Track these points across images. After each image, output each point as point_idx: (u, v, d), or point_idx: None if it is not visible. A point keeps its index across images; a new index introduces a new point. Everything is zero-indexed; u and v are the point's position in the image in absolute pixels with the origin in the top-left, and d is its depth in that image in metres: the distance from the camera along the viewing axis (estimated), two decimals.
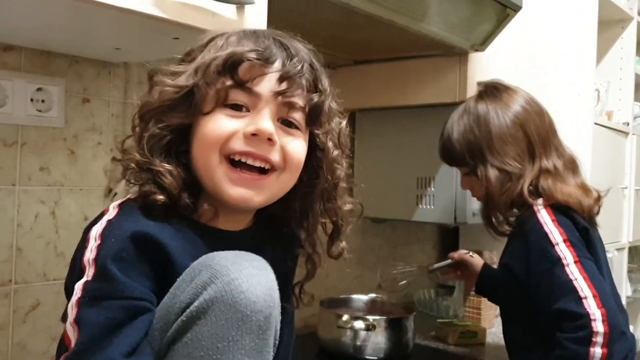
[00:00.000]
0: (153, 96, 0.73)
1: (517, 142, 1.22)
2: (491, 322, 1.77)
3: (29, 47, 1.09)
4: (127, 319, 0.64)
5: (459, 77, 1.50)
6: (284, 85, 0.73)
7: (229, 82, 0.72)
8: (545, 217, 1.15)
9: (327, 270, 1.80)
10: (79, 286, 0.65)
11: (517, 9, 1.38)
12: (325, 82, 0.79)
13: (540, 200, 1.18)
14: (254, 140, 0.72)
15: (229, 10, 0.89)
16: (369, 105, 1.68)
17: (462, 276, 1.48)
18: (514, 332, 1.27)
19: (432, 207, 1.57)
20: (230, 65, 0.71)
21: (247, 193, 0.73)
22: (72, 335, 0.63)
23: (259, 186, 0.74)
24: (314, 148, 0.80)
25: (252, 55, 0.71)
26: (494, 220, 1.23)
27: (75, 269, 0.68)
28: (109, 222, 0.68)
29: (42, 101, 1.11)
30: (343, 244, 0.87)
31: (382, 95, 1.63)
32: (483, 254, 1.83)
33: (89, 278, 0.65)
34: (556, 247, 1.11)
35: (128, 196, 0.73)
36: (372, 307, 1.57)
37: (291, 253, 0.88)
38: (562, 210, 1.16)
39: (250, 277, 0.63)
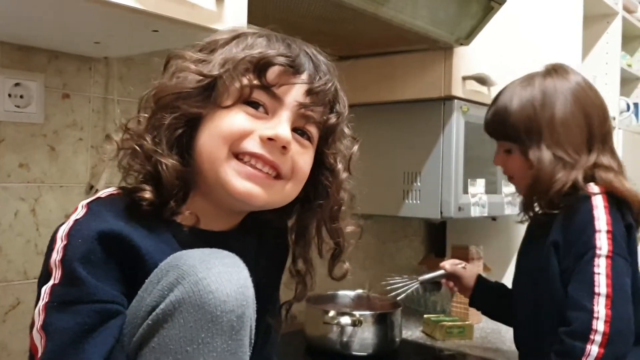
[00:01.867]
0: (172, 80, 0.71)
1: (578, 132, 1.16)
2: (479, 318, 1.77)
3: (7, 41, 1.07)
4: (99, 324, 0.61)
5: (444, 71, 1.49)
6: (309, 99, 0.73)
7: (255, 82, 0.71)
8: (598, 202, 1.10)
9: (315, 266, 1.80)
10: (46, 290, 0.62)
11: (501, 2, 1.38)
12: (343, 105, 0.80)
13: (596, 187, 1.13)
14: (268, 145, 0.71)
15: (209, 2, 0.88)
16: (354, 101, 1.63)
17: (454, 288, 1.44)
18: (546, 327, 1.16)
19: (419, 202, 1.57)
20: (262, 66, 0.71)
21: (255, 189, 0.71)
22: (40, 343, 0.61)
23: (267, 185, 0.72)
24: (322, 167, 0.80)
25: (284, 60, 0.71)
26: (535, 204, 1.17)
27: (43, 272, 0.66)
28: (76, 221, 0.66)
29: (21, 97, 1.09)
30: (347, 265, 0.87)
31: (368, 90, 1.62)
32: (469, 249, 1.84)
33: (56, 281, 0.63)
34: (596, 235, 1.07)
35: (98, 195, 0.71)
36: (359, 303, 1.57)
37: (279, 266, 0.87)
38: (616, 201, 1.12)
39: (219, 275, 0.60)
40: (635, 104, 2.72)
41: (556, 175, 1.13)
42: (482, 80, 1.54)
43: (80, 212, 0.67)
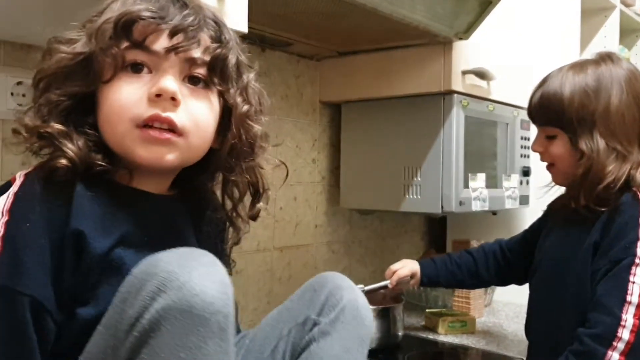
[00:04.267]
0: (48, 63, 0.71)
1: (632, 123, 1.12)
2: (480, 312, 1.78)
3: (9, 40, 1.07)
4: (27, 321, 0.62)
5: (443, 66, 1.50)
6: (176, 40, 0.70)
7: (124, 44, 0.69)
8: None
9: (316, 262, 1.81)
10: None
11: None
12: (228, 34, 0.76)
13: None
14: (158, 102, 0.70)
15: None
16: (354, 97, 1.68)
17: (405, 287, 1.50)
18: (564, 322, 1.14)
19: (419, 197, 1.57)
20: (123, 25, 0.69)
21: (159, 150, 0.71)
22: None
23: (169, 143, 0.71)
24: (226, 108, 0.78)
25: (146, 13, 0.69)
26: (583, 195, 1.11)
27: None
28: (16, 195, 0.65)
29: (23, 95, 1.09)
30: (260, 204, 0.85)
31: (367, 86, 1.63)
32: (470, 244, 1.84)
33: None
34: (639, 243, 1.03)
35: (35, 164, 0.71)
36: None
37: (216, 221, 0.86)
38: None
39: (201, 277, 0.59)
40: None
41: (609, 166, 1.08)
42: (481, 74, 1.54)
43: (17, 183, 0.67)
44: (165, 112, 0.70)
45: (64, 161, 0.67)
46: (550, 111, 1.18)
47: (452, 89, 1.49)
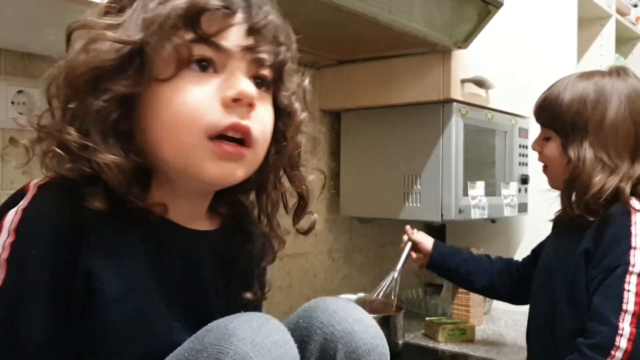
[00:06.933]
0: (83, 55, 0.58)
1: (625, 138, 1.13)
2: (480, 319, 1.78)
3: (10, 49, 1.07)
4: None
5: (442, 74, 1.50)
6: (252, 39, 0.62)
7: (191, 36, 0.59)
8: (638, 218, 1.08)
9: (316, 270, 1.81)
10: None
11: (498, 5, 1.39)
12: (288, 34, 0.69)
13: (637, 202, 1.10)
14: (234, 108, 0.61)
15: None
16: (353, 105, 1.68)
17: (420, 258, 1.47)
18: (562, 332, 1.14)
19: (419, 204, 1.57)
20: (193, 15, 0.58)
21: (230, 167, 0.62)
22: None
23: (241, 158, 0.63)
24: (277, 111, 0.69)
25: (217, 3, 0.59)
26: (575, 204, 1.13)
27: None
28: (25, 212, 0.57)
29: (24, 104, 1.09)
30: (315, 216, 0.76)
31: (367, 94, 1.63)
32: (470, 251, 1.84)
33: None
34: (631, 251, 1.04)
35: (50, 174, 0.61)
36: (361, 306, 1.56)
37: (252, 241, 0.77)
38: None
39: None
40: None
41: (595, 177, 1.09)
42: (480, 83, 1.55)
43: (28, 197, 0.58)
44: (243, 119, 0.61)
45: (99, 204, 0.58)
46: (549, 113, 1.20)
47: (451, 97, 1.50)
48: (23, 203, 0.58)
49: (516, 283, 1.40)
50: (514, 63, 1.77)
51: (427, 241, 1.46)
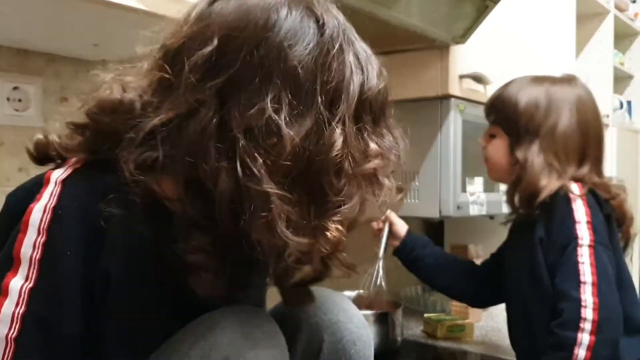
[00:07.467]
0: None
1: (575, 146, 1.17)
2: (478, 316, 1.77)
3: (5, 45, 1.06)
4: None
5: (440, 70, 1.50)
6: None
7: None
8: (575, 194, 1.12)
9: None
10: (19, 290, 0.55)
11: (496, 0, 1.39)
12: None
13: (576, 187, 1.14)
14: None
15: None
16: None
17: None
18: (538, 326, 1.16)
19: (417, 201, 1.57)
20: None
21: None
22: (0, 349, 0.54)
23: None
24: None
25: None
26: (519, 202, 1.18)
27: None
28: (55, 212, 0.58)
29: (19, 100, 1.08)
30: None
31: None
32: (468, 248, 1.84)
33: (32, 284, 0.56)
34: (577, 225, 1.09)
35: (76, 162, 0.62)
36: (360, 303, 1.56)
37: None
38: (593, 193, 1.14)
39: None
40: (629, 102, 2.74)
41: (542, 180, 1.14)
42: (478, 78, 1.55)
43: (54, 192, 0.59)
44: None
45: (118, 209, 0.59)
46: (501, 113, 1.24)
47: (449, 93, 1.49)
48: (50, 201, 0.58)
49: (477, 286, 1.40)
50: (512, 59, 1.76)
51: (401, 225, 1.42)
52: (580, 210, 1.10)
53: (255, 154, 0.56)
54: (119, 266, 0.59)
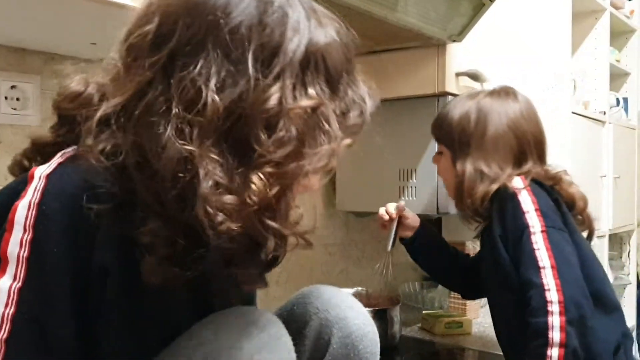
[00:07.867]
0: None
1: (508, 149, 1.22)
2: (476, 313, 1.78)
3: (3, 44, 1.07)
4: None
5: (437, 68, 1.50)
6: None
7: None
8: (518, 185, 1.16)
9: (312, 265, 1.81)
10: (4, 288, 0.54)
11: None
12: None
13: (519, 180, 1.18)
14: None
15: None
16: None
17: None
18: (516, 325, 1.16)
19: (415, 198, 1.57)
20: None
21: None
22: None
23: None
24: None
25: None
26: (464, 207, 1.23)
27: None
28: (40, 208, 0.56)
29: (17, 99, 1.09)
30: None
31: None
32: (465, 245, 1.85)
33: (20, 283, 0.54)
34: (526, 215, 1.12)
35: (66, 153, 0.61)
36: (358, 300, 1.57)
37: None
38: (536, 182, 1.18)
39: None
40: (625, 99, 2.74)
41: (477, 187, 1.19)
42: (474, 76, 1.55)
43: (39, 187, 0.57)
44: None
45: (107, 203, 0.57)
46: (441, 130, 1.30)
47: (446, 90, 1.50)
48: (35, 197, 0.56)
49: (467, 279, 1.43)
50: (509, 56, 1.77)
51: (414, 216, 1.43)
52: (526, 200, 1.13)
53: (188, 122, 0.56)
54: (115, 260, 0.58)
